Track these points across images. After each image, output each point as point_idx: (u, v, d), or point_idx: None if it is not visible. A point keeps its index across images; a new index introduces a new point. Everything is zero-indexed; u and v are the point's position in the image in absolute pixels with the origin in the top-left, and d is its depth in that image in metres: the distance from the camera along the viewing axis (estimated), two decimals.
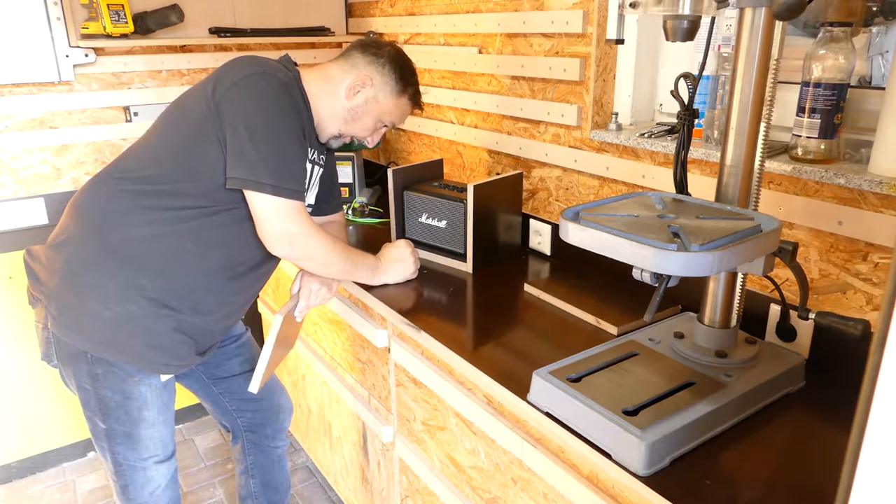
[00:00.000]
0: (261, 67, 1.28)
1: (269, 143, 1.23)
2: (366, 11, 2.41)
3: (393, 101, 1.45)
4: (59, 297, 1.28)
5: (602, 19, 1.50)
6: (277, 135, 1.24)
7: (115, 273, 1.27)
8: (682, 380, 1.04)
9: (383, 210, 2.08)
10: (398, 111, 1.48)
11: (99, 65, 2.09)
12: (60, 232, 1.33)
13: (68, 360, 1.32)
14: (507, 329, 1.33)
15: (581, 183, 1.65)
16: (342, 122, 1.43)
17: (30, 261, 1.35)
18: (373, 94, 1.42)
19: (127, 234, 1.27)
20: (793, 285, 1.17)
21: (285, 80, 1.29)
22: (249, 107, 1.23)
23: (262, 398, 1.69)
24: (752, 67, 0.97)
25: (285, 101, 1.27)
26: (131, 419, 1.36)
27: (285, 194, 1.25)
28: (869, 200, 1.08)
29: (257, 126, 1.23)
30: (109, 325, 1.27)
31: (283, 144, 1.26)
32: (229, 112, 1.23)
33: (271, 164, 1.23)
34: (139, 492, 1.43)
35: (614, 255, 0.92)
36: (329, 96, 1.40)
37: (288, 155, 1.27)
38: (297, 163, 1.30)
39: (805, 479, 0.90)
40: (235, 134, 1.22)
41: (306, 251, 1.32)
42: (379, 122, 1.46)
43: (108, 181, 1.31)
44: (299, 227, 1.29)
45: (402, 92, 1.45)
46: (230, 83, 1.25)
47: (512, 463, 1.18)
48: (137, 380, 1.34)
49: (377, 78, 1.42)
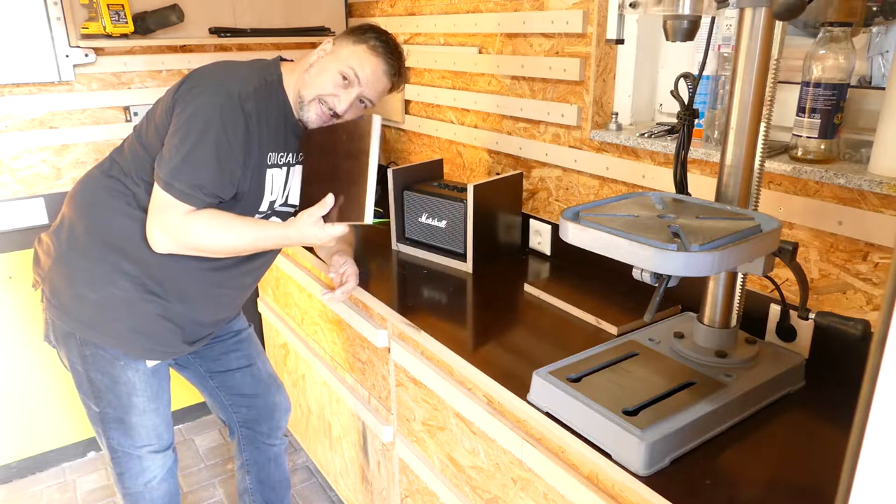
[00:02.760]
0: (219, 78, 1.28)
1: (185, 144, 1.23)
2: (366, 11, 2.41)
3: (349, 48, 1.35)
4: (52, 279, 1.35)
5: (602, 19, 1.50)
6: (199, 139, 1.23)
7: (101, 257, 1.31)
8: (682, 380, 1.04)
9: (383, 210, 2.08)
10: (355, 57, 1.35)
11: (99, 65, 2.09)
12: (58, 218, 1.40)
13: (62, 340, 1.37)
14: (507, 329, 1.33)
15: (581, 183, 1.65)
16: (302, 85, 1.36)
17: (37, 245, 1.42)
18: (331, 52, 1.37)
19: (111, 220, 1.31)
20: (793, 285, 1.17)
21: (241, 93, 1.26)
22: (188, 109, 1.24)
23: (257, 395, 1.69)
24: (752, 67, 0.97)
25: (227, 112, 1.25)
26: (122, 404, 1.39)
27: (172, 192, 1.23)
28: (869, 200, 1.08)
29: (183, 124, 1.23)
30: (95, 308, 1.32)
31: (197, 147, 1.23)
32: (177, 113, 1.26)
33: (176, 159, 1.22)
34: (134, 481, 1.45)
35: (614, 255, 0.92)
36: (296, 73, 1.38)
37: (198, 158, 1.23)
38: (206, 170, 1.24)
39: (805, 479, 0.90)
40: (172, 132, 1.25)
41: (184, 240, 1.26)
42: (338, 73, 1.34)
43: (99, 170, 1.37)
44: (173, 220, 1.24)
45: (358, 41, 1.35)
46: (188, 88, 1.27)
47: (512, 463, 1.18)
48: (123, 364, 1.37)
49: (337, 42, 1.38)
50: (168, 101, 1.30)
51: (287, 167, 1.41)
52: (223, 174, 1.27)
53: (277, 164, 1.38)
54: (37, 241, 1.43)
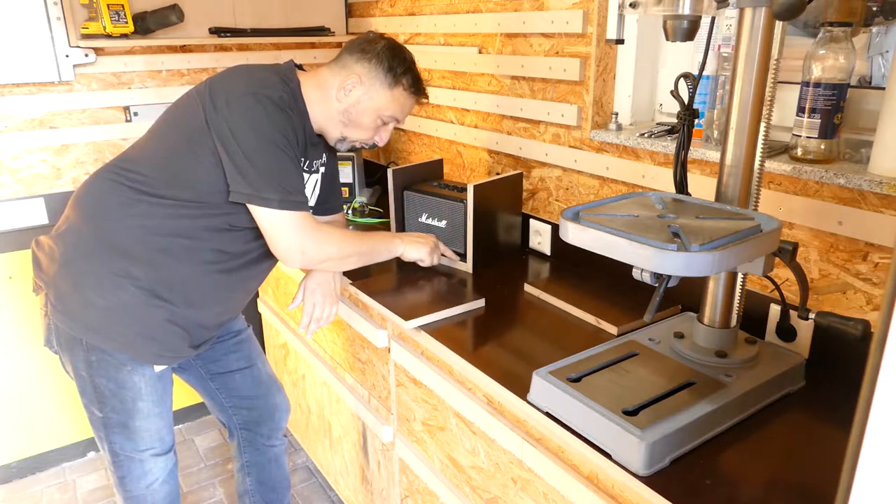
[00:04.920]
0: (254, 86, 1.28)
1: (266, 161, 1.25)
2: (366, 11, 2.41)
3: (387, 93, 1.40)
4: (57, 284, 1.32)
5: (602, 19, 1.50)
6: (272, 152, 1.25)
7: (109, 262, 1.29)
8: (682, 380, 1.04)
9: (383, 210, 2.08)
10: (395, 104, 1.42)
11: (99, 65, 2.09)
12: (62, 222, 1.37)
13: (66, 346, 1.35)
14: (507, 329, 1.33)
15: (581, 183, 1.65)
16: (341, 126, 1.42)
17: (36, 249, 1.39)
18: (364, 90, 1.39)
19: (120, 225, 1.30)
20: (793, 285, 1.17)
21: (278, 99, 1.28)
22: (243, 128, 1.24)
23: (257, 396, 1.69)
24: (752, 67, 0.97)
25: (277, 120, 1.27)
26: (126, 409, 1.37)
27: (291, 206, 1.27)
28: (869, 200, 1.08)
29: (252, 146, 1.24)
30: (103, 313, 1.30)
31: (279, 160, 1.26)
32: (223, 132, 1.25)
33: (273, 179, 1.25)
34: (136, 484, 1.44)
35: (614, 255, 0.92)
36: (324, 102, 1.40)
37: (286, 169, 1.28)
38: (296, 174, 1.31)
39: (805, 479, 0.90)
40: (232, 153, 1.24)
41: (321, 256, 1.34)
42: (378, 118, 1.42)
43: (108, 175, 1.34)
44: (309, 236, 1.31)
45: (394, 83, 1.40)
46: (224, 102, 1.26)
47: (512, 463, 1.18)
48: (130, 369, 1.35)
49: (364, 75, 1.38)
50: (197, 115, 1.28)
51: (309, 174, 1.44)
52: (302, 176, 1.36)
53: (306, 169, 1.42)
54: (35, 245, 1.39)
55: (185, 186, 1.29)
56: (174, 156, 1.30)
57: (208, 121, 1.26)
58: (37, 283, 1.38)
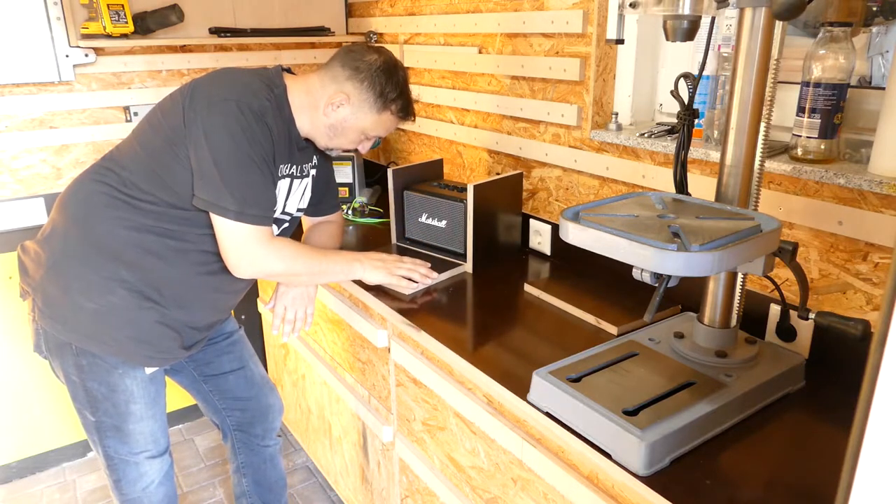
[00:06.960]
0: (236, 93, 1.26)
1: (232, 171, 1.24)
2: (366, 11, 2.41)
3: (375, 117, 1.40)
4: (45, 289, 1.31)
5: (602, 19, 1.50)
6: (242, 163, 1.24)
7: (97, 265, 1.29)
8: (682, 380, 1.04)
9: (383, 210, 2.08)
10: (381, 126, 1.43)
11: (99, 65, 2.09)
12: (47, 226, 1.36)
13: (56, 351, 1.34)
14: (507, 329, 1.33)
15: (581, 183, 1.65)
16: (326, 138, 1.42)
17: (22, 255, 1.38)
18: (351, 111, 1.38)
19: (107, 227, 1.29)
20: (793, 285, 1.17)
21: (259, 108, 1.27)
22: (217, 134, 1.23)
23: (250, 397, 1.69)
24: (752, 67, 0.97)
25: (255, 131, 1.25)
26: (119, 412, 1.37)
27: (246, 219, 1.26)
28: (869, 200, 1.08)
29: (222, 153, 1.23)
30: (92, 317, 1.29)
31: (247, 171, 1.25)
32: (197, 135, 1.24)
33: (234, 189, 1.24)
34: (132, 487, 1.44)
35: (614, 255, 0.92)
36: (310, 111, 1.38)
37: (252, 181, 1.26)
38: (262, 188, 1.28)
39: (805, 479, 0.90)
40: (201, 157, 1.23)
41: (266, 271, 1.33)
42: (363, 135, 1.43)
43: (93, 177, 1.33)
44: (257, 251, 1.29)
45: (383, 108, 1.39)
46: (205, 105, 1.25)
47: (512, 463, 1.18)
48: (122, 372, 1.35)
49: (354, 95, 1.37)
50: (177, 115, 1.27)
51: (290, 178, 1.43)
52: (272, 191, 1.32)
53: (283, 175, 1.40)
54: (20, 250, 1.38)
55: (167, 187, 1.28)
56: (155, 156, 1.28)
57: (185, 122, 1.25)
58: (24, 288, 1.36)
